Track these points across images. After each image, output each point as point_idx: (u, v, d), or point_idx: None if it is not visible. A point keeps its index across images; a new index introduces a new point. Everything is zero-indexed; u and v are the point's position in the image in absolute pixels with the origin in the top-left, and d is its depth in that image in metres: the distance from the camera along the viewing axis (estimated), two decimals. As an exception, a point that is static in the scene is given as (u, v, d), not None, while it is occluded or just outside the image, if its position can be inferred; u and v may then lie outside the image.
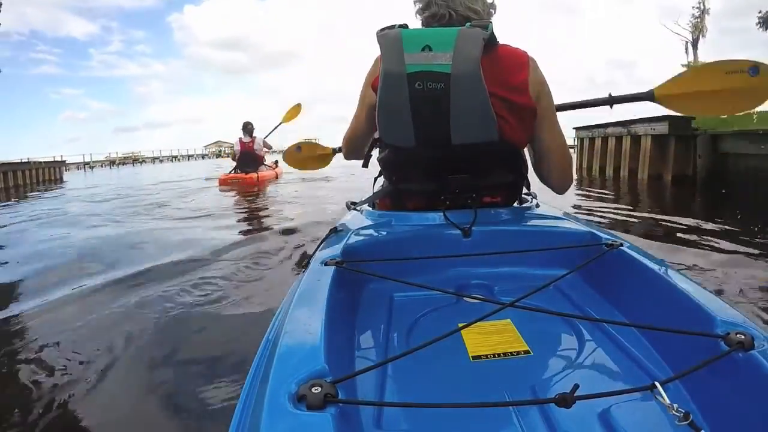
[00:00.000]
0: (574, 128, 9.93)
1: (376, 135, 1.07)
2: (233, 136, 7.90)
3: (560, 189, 1.10)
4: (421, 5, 1.04)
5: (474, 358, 0.59)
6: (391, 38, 0.89)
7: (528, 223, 0.95)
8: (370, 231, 0.94)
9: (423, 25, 1.05)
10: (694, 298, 0.57)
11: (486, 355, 0.59)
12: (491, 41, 0.89)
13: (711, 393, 0.49)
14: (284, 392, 0.41)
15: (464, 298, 0.76)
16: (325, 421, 0.38)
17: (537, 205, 1.09)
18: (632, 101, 1.44)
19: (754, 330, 0.49)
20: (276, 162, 8.86)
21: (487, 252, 0.81)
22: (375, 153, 1.14)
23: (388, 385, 0.55)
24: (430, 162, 0.98)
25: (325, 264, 0.73)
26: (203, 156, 41.64)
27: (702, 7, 22.07)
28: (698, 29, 22.44)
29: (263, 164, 7.87)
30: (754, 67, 1.26)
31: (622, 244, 0.77)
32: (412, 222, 0.94)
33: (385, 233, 0.93)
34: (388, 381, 0.56)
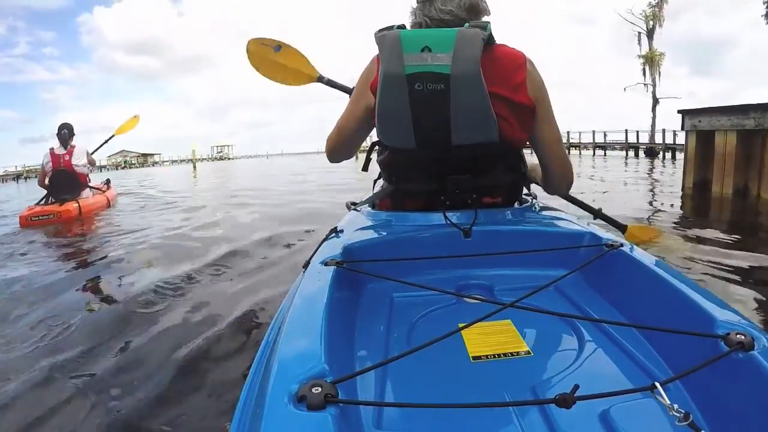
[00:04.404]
0: (679, 111, 5.73)
1: (374, 138, 1.06)
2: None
3: (567, 188, 1.14)
4: (412, 17, 1.05)
5: (474, 358, 0.59)
6: (389, 39, 0.88)
7: (528, 224, 0.95)
8: (371, 231, 0.94)
9: None
10: (694, 298, 0.57)
11: (486, 356, 0.59)
12: (489, 41, 0.89)
13: (711, 393, 0.49)
14: (284, 392, 0.41)
15: (464, 299, 0.76)
16: (325, 421, 0.38)
17: (537, 206, 1.09)
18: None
19: (754, 330, 0.49)
20: (107, 181, 6.20)
21: (487, 252, 0.81)
22: (374, 155, 1.14)
23: (388, 385, 0.55)
24: (430, 163, 0.98)
25: (325, 264, 0.72)
26: (101, 168, 32.44)
27: (660, -6, 21.33)
28: (655, 18, 21.90)
29: (88, 187, 5.18)
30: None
31: (622, 245, 0.77)
32: (412, 222, 0.94)
33: (385, 233, 0.92)
34: (388, 381, 0.56)
